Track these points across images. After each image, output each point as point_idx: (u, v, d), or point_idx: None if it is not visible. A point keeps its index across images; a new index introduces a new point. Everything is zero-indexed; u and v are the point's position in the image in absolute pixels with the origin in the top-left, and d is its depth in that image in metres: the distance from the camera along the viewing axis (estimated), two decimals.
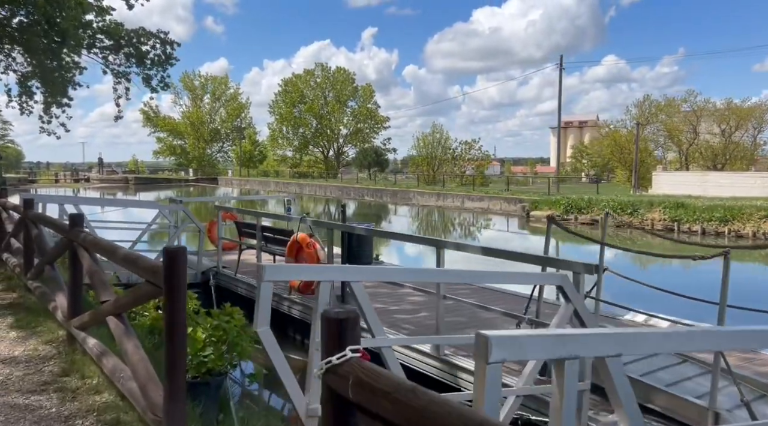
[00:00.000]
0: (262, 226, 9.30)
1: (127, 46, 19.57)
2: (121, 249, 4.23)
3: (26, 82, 18.62)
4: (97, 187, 68.66)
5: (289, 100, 76.01)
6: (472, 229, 28.08)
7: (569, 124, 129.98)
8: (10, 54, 18.45)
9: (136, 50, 19.53)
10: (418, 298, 8.13)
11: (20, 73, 18.67)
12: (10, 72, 18.70)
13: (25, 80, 18.62)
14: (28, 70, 18.57)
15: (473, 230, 27.71)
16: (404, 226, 30.41)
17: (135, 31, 19.53)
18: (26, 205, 6.96)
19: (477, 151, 50.72)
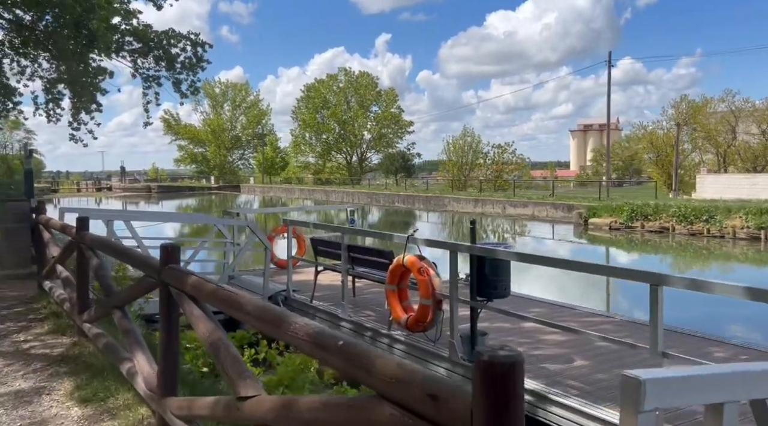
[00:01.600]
0: (349, 245, 7.73)
1: (157, 49, 18.47)
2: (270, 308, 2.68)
3: (53, 89, 17.58)
4: (120, 196, 67.84)
5: (312, 105, 74.76)
6: (538, 239, 25.88)
7: (589, 127, 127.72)
8: (36, 60, 17.41)
9: (165, 53, 18.42)
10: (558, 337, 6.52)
11: (46, 80, 17.62)
12: (36, 79, 17.67)
13: (52, 86, 17.56)
14: (54, 76, 17.53)
15: (543, 242, 25.54)
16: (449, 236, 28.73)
17: (165, 32, 18.32)
18: (80, 225, 5.47)
19: (510, 155, 48.91)
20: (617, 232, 23.87)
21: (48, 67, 17.72)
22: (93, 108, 17.81)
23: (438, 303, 6.26)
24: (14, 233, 9.52)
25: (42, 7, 14.94)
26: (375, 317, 7.84)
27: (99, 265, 5.03)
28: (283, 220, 9.32)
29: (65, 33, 15.52)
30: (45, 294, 7.38)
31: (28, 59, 17.52)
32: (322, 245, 8.55)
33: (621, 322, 7.25)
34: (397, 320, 6.75)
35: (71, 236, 5.78)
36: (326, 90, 75.04)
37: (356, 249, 7.76)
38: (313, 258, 8.95)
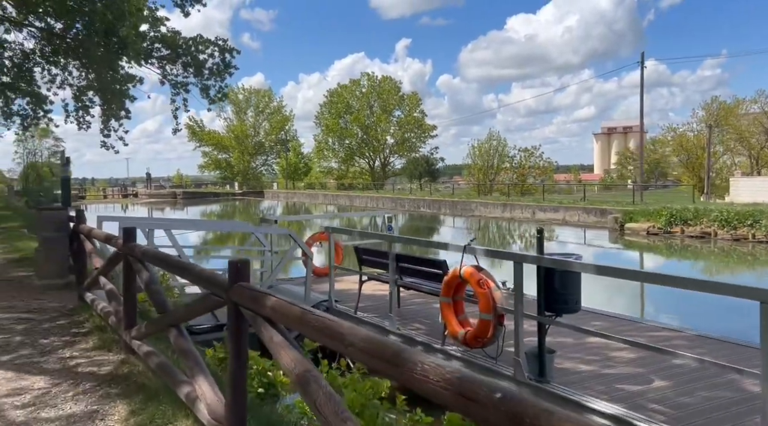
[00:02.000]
0: (398, 255, 7.39)
1: (185, 55, 18.41)
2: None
3: (83, 96, 17.59)
4: (146, 202, 68.49)
5: (335, 111, 74.80)
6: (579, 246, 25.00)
7: (613, 130, 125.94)
8: (66, 68, 17.43)
9: (193, 59, 18.35)
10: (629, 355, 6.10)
11: (76, 88, 17.63)
12: (66, 87, 17.69)
13: (82, 94, 17.56)
14: (84, 84, 17.52)
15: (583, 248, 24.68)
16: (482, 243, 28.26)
17: (193, 38, 18.31)
18: (127, 236, 5.21)
19: (538, 159, 48.21)
20: (655, 237, 23.18)
21: (78, 75, 17.75)
22: (122, 115, 17.81)
23: (499, 318, 5.90)
24: (52, 242, 9.37)
25: (73, 15, 14.92)
26: (425, 330, 7.48)
27: (150, 279, 4.76)
28: (325, 227, 9.02)
29: (95, 40, 15.49)
30: (86, 306, 7.16)
31: (58, 68, 17.58)
32: (368, 254, 8.22)
33: (692, 336, 6.78)
34: (453, 335, 6.39)
35: (117, 247, 5.54)
36: (349, 95, 75.03)
37: (406, 258, 7.41)
38: (351, 266, 8.65)
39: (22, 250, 13.27)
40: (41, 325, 6.67)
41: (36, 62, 17.21)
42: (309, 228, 26.32)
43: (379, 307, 8.67)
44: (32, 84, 17.24)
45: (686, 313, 10.69)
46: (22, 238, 15.98)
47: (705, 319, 10.32)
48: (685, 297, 7.75)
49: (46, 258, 9.35)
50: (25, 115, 17.83)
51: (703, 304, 10.12)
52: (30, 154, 65.46)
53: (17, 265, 11.16)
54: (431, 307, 8.59)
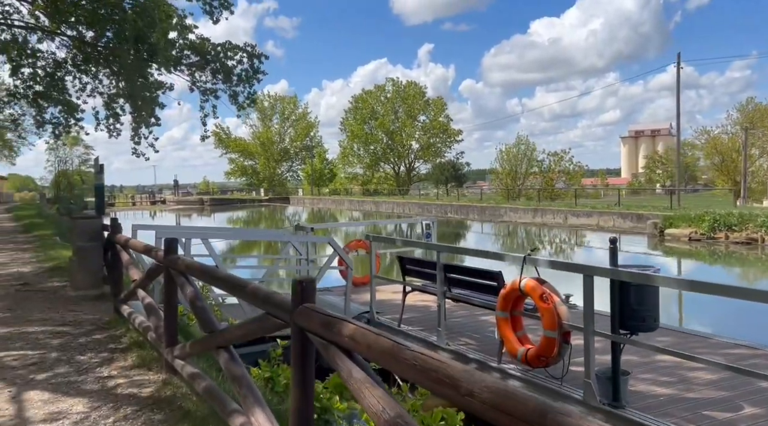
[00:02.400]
0: (446, 265, 6.97)
1: (214, 62, 18.35)
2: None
3: (113, 104, 17.61)
4: (173, 209, 69.12)
5: (360, 116, 74.73)
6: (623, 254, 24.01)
7: (640, 134, 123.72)
8: (96, 76, 17.47)
9: (222, 66, 18.27)
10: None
11: (107, 96, 17.65)
12: (97, 95, 17.73)
13: (112, 102, 17.58)
14: (114, 92, 17.54)
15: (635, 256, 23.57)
16: (509, 247, 27.62)
17: (222, 44, 18.24)
18: (169, 248, 4.89)
19: (567, 163, 47.33)
20: (698, 243, 22.34)
21: (108, 83, 17.77)
22: (152, 122, 17.78)
23: (565, 335, 5.43)
24: (86, 252, 9.16)
25: (104, 23, 14.89)
26: (475, 345, 7.04)
27: (194, 294, 4.41)
28: (366, 235, 8.64)
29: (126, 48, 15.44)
30: (123, 319, 6.88)
31: (89, 76, 17.60)
32: (413, 264, 7.81)
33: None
34: (512, 353, 5.94)
35: (158, 260, 5.22)
36: (374, 100, 74.90)
37: (456, 269, 6.98)
38: (388, 275, 8.27)
39: (55, 258, 13.17)
40: (77, 340, 6.40)
41: (67, 71, 17.28)
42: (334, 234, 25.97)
43: (424, 319, 8.27)
44: (64, 92, 17.31)
45: (750, 327, 10.05)
46: (55, 246, 15.94)
47: None
48: (756, 311, 7.16)
49: (80, 268, 9.14)
50: (57, 124, 17.93)
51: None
52: (61, 162, 66.65)
53: (51, 275, 11.01)
54: (478, 319, 8.16)
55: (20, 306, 8.43)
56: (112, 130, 17.58)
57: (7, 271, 11.83)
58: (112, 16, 14.51)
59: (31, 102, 17.40)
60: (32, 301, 8.74)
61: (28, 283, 10.22)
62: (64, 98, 17.23)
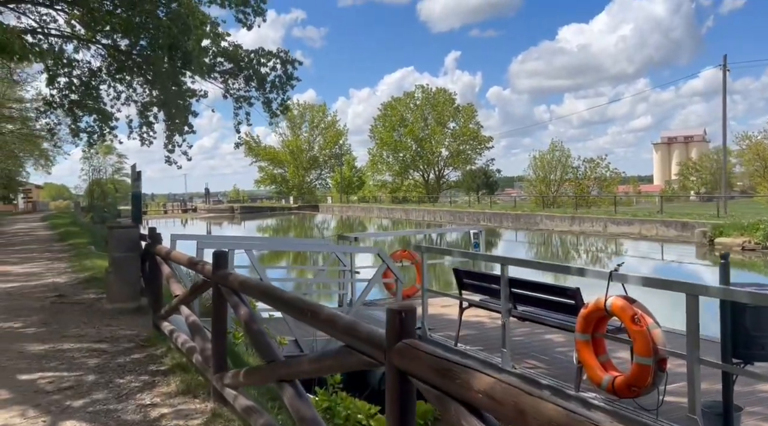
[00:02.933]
0: (512, 279, 6.34)
1: (247, 69, 18.09)
2: None
3: (146, 112, 17.48)
4: (205, 217, 69.56)
5: (389, 124, 74.38)
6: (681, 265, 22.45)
7: (673, 140, 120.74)
8: (131, 85, 17.36)
9: (256, 73, 18.01)
10: None
11: (140, 104, 17.53)
12: (131, 103, 17.62)
13: (146, 110, 17.45)
14: (147, 100, 17.42)
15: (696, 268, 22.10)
16: (543, 257, 26.71)
17: (255, 51, 17.99)
18: (218, 262, 4.39)
19: (604, 170, 46.09)
20: (752, 253, 21.21)
21: (142, 91, 17.65)
22: (186, 130, 17.57)
23: (661, 363, 4.77)
24: (123, 263, 8.78)
25: (138, 31, 14.70)
26: (545, 369, 6.39)
27: (250, 316, 3.89)
28: (416, 246, 8.07)
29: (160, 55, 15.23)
30: (163, 337, 6.42)
31: (123, 84, 17.49)
32: (471, 278, 7.21)
33: None
34: (594, 380, 5.28)
35: (206, 275, 4.72)
36: (403, 108, 74.50)
37: (523, 284, 6.35)
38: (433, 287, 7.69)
39: (90, 268, 12.88)
40: (115, 360, 5.95)
41: (102, 80, 17.23)
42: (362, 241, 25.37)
43: (482, 337, 7.65)
44: (99, 101, 17.26)
45: None
46: (90, 255, 15.72)
47: None
48: None
49: (116, 280, 8.76)
50: (92, 132, 17.85)
51: None
52: (95, 171, 67.60)
53: (86, 286, 10.67)
54: (541, 338, 7.51)
55: (55, 319, 8.05)
56: (145, 139, 17.45)
57: (43, 281, 11.56)
58: (146, 24, 14.36)
59: (67, 111, 17.39)
60: (67, 315, 8.36)
61: (63, 294, 9.88)
62: (98, 107, 17.19)
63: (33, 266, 14.05)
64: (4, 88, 37.08)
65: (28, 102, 36.79)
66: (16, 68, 34.38)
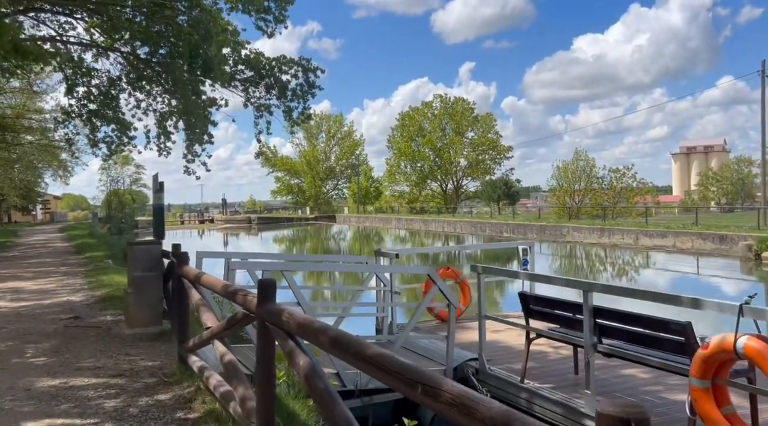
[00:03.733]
0: (597, 308, 5.40)
1: (268, 77, 17.47)
2: None
3: (165, 122, 16.93)
4: (222, 228, 69.14)
5: (407, 133, 73.63)
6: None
7: (692, 150, 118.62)
8: (150, 93, 16.83)
9: (276, 81, 17.38)
10: None
11: (159, 113, 16.98)
12: (150, 113, 17.08)
13: (164, 120, 16.90)
14: (166, 110, 16.90)
15: None
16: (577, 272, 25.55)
17: (276, 59, 17.40)
18: (265, 293, 3.52)
19: (630, 180, 44.83)
20: None
21: (161, 100, 17.08)
22: (205, 139, 16.93)
23: None
24: (144, 282, 7.97)
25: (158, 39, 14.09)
26: None
27: (312, 368, 3.00)
28: (471, 266, 7.15)
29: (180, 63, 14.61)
30: (189, 373, 5.56)
31: (143, 93, 16.93)
32: (542, 304, 6.26)
33: None
34: None
35: (248, 307, 3.85)
36: (421, 117, 73.76)
37: (611, 314, 5.40)
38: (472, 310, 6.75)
39: (107, 285, 12.12)
40: (136, 401, 5.09)
41: (121, 89, 16.75)
42: (412, 259, 24.37)
43: (550, 371, 6.69)
44: (117, 111, 16.77)
45: None
46: (107, 270, 14.99)
47: None
48: None
49: (136, 301, 7.94)
50: (110, 142, 17.36)
51: None
52: (113, 182, 67.67)
53: (103, 306, 9.88)
54: (620, 373, 6.52)
55: (69, 347, 7.24)
56: (163, 149, 16.87)
57: (57, 299, 10.80)
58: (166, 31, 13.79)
59: (86, 121, 16.90)
60: (82, 341, 7.55)
61: (78, 316, 9.09)
62: (117, 116, 16.68)
63: (47, 282, 13.33)
64: (24, 99, 36.94)
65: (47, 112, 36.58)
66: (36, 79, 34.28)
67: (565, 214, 45.64)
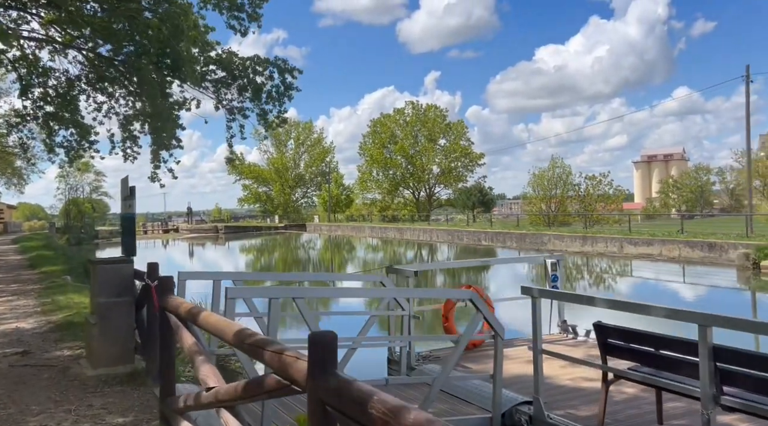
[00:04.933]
0: (717, 347, 4.13)
1: (241, 78, 16.12)
2: None
3: (129, 126, 15.43)
4: (188, 238, 66.51)
5: (379, 140, 72.41)
6: None
7: (653, 158, 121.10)
8: (113, 95, 15.32)
9: (250, 82, 16.03)
10: None
11: (123, 117, 15.46)
12: (113, 116, 15.54)
13: (128, 124, 15.39)
14: (130, 113, 15.43)
15: None
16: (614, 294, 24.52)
17: (250, 58, 16.06)
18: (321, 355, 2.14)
19: (607, 187, 44.53)
20: None
21: (125, 103, 15.63)
22: (173, 144, 15.48)
23: None
24: (110, 311, 6.44)
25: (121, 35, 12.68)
26: None
27: None
28: (524, 288, 5.84)
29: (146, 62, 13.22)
30: None
31: (104, 94, 15.41)
32: (626, 338, 4.98)
33: None
34: None
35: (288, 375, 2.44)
36: (393, 124, 72.71)
37: (737, 356, 4.13)
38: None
39: (65, 307, 10.43)
40: None
41: (81, 90, 15.26)
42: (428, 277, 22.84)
43: (628, 420, 5.40)
44: (77, 113, 15.34)
45: None
46: (65, 288, 13.22)
47: None
48: None
49: (102, 334, 6.40)
50: (70, 147, 15.84)
51: None
52: (71, 190, 64.45)
53: (60, 337, 8.23)
54: None
55: (14, 397, 5.68)
56: (129, 155, 15.43)
57: (3, 327, 9.09)
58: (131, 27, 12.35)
59: (42, 124, 15.40)
60: (32, 387, 5.98)
61: (28, 350, 7.46)
62: (76, 119, 15.26)
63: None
64: None
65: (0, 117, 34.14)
66: None
67: (542, 222, 45.09)
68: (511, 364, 7.24)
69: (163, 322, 4.47)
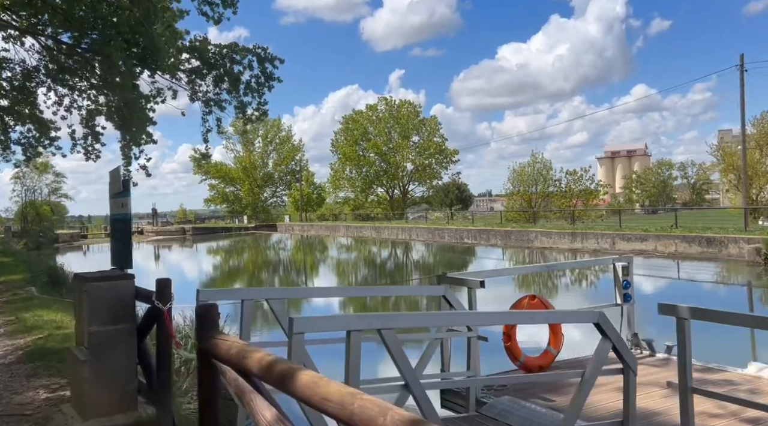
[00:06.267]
0: None
1: (217, 68, 14.56)
2: None
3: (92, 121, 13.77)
4: (153, 240, 63.70)
5: (351, 138, 70.87)
6: None
7: (616, 154, 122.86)
8: (74, 88, 13.63)
9: (227, 72, 14.48)
10: None
11: (86, 111, 13.79)
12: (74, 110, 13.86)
13: (91, 118, 13.72)
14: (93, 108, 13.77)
15: None
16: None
17: (228, 46, 14.49)
18: None
19: (588, 182, 44.01)
20: None
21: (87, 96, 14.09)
22: (144, 139, 13.96)
23: None
24: (106, 341, 4.87)
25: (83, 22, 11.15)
26: None
27: None
28: (662, 306, 4.52)
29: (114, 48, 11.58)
30: None
31: (66, 87, 13.84)
32: None
33: None
34: None
35: None
36: (366, 121, 71.26)
37: None
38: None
39: (34, 329, 8.69)
40: None
41: (40, 82, 13.58)
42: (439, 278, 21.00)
43: None
44: (35, 108, 13.71)
45: None
46: (31, 303, 11.38)
47: None
48: None
49: (95, 374, 4.83)
50: (27, 145, 14.28)
51: None
52: (28, 192, 60.94)
53: (32, 370, 6.54)
54: None
55: None
56: (91, 152, 13.82)
57: None
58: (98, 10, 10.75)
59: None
60: None
61: None
62: (35, 114, 13.65)
63: None
64: None
65: None
66: None
67: (522, 218, 44.34)
68: (598, 393, 5.87)
69: (209, 378, 2.96)
